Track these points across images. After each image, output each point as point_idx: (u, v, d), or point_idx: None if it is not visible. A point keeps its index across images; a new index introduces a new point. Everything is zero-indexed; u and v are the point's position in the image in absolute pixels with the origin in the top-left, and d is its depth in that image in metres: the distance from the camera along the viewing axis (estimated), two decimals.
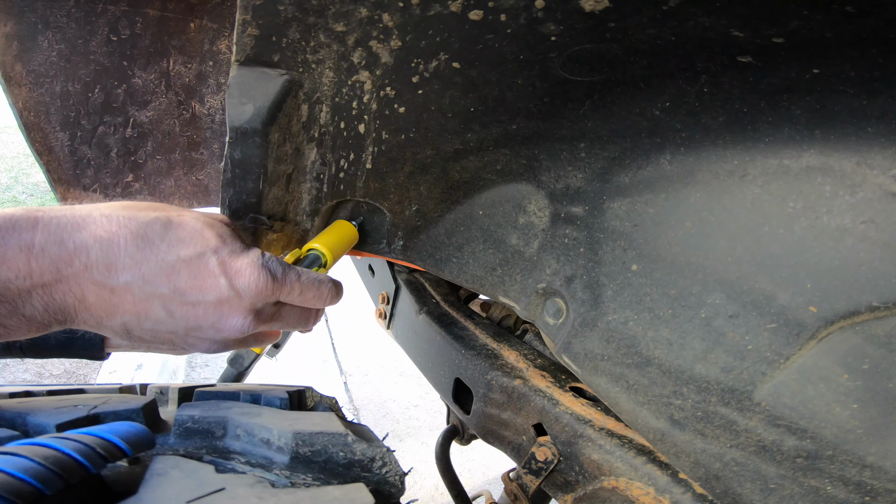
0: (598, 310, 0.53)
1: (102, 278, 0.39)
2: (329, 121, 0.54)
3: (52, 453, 0.29)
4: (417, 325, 0.88)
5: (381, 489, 0.42)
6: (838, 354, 0.38)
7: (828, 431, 0.39)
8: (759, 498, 0.44)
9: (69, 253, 0.38)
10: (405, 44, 0.46)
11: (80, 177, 1.04)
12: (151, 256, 0.41)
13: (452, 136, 0.57)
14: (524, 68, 0.47)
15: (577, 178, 0.56)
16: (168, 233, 0.42)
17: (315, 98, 0.52)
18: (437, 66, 0.48)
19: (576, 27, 0.41)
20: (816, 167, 0.39)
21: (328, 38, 0.46)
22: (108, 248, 0.39)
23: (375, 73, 0.50)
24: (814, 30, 0.35)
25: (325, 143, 0.56)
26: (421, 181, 0.61)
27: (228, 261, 0.43)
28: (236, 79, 0.48)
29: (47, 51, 0.94)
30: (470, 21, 0.43)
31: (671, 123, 0.47)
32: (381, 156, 0.58)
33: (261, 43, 0.46)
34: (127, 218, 0.41)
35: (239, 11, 0.43)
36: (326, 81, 0.50)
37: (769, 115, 0.41)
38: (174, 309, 0.42)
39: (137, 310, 0.41)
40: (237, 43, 0.46)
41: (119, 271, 0.40)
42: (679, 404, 0.47)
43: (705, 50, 0.40)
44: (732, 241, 0.43)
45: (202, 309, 0.43)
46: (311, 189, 0.58)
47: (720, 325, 0.44)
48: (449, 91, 0.51)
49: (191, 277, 0.42)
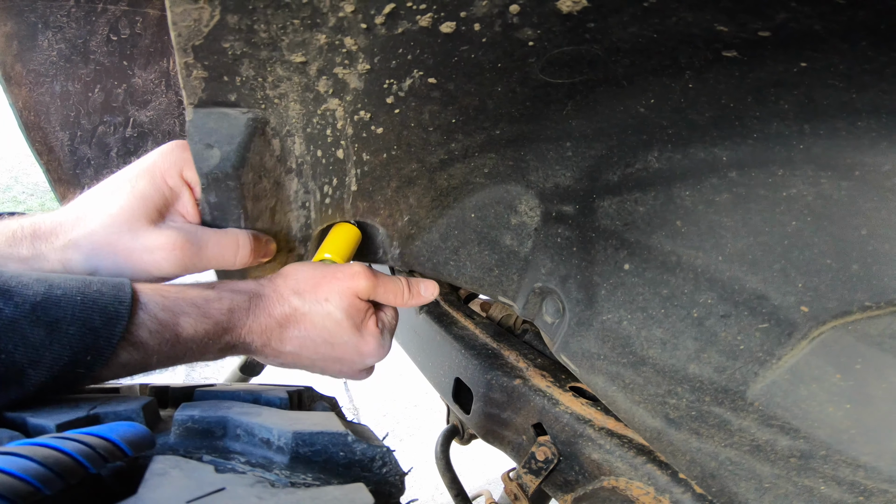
0: (593, 309, 0.53)
1: (278, 345, 0.52)
2: (304, 151, 0.51)
3: (52, 453, 0.29)
4: (417, 324, 0.89)
5: (381, 489, 0.42)
6: (831, 354, 0.38)
7: (821, 431, 0.39)
8: (755, 497, 0.44)
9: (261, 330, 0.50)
10: (374, 66, 0.44)
11: (80, 176, 1.04)
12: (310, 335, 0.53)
13: (436, 148, 0.55)
14: (503, 76, 0.46)
15: (565, 176, 0.55)
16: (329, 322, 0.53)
17: (285, 132, 0.48)
18: (411, 83, 0.46)
19: (553, 30, 0.40)
20: (806, 163, 0.38)
21: (287, 70, 0.42)
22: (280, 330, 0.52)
23: (345, 99, 0.47)
24: (802, 22, 0.34)
25: (305, 172, 0.52)
26: (409, 193, 0.60)
27: (364, 329, 0.55)
28: (195, 123, 0.44)
29: (47, 50, 0.94)
30: (442, 35, 0.41)
31: (657, 120, 0.46)
32: (365, 176, 0.56)
33: (212, 84, 0.42)
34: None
35: (178, 54, 0.39)
36: (294, 115, 0.47)
37: (756, 110, 0.40)
38: (321, 365, 0.56)
39: (294, 361, 0.55)
40: (185, 87, 0.42)
41: (286, 345, 0.52)
42: (674, 403, 0.47)
43: (689, 46, 0.39)
44: (723, 240, 0.43)
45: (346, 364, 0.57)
46: (299, 217, 0.56)
47: (712, 324, 0.44)
48: (427, 106, 0.50)
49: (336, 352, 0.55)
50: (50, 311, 0.37)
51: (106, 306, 0.40)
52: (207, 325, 0.46)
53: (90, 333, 0.39)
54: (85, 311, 0.39)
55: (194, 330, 0.45)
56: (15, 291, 0.37)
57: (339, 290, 0.52)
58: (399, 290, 0.58)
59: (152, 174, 0.48)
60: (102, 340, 0.39)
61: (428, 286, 0.61)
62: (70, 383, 0.40)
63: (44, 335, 0.37)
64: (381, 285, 0.56)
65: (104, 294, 0.40)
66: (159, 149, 0.50)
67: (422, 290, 0.60)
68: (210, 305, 0.46)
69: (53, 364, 0.38)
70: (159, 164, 0.49)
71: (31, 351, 0.37)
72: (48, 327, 0.37)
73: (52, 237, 0.46)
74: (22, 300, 0.37)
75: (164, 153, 0.49)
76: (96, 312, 0.39)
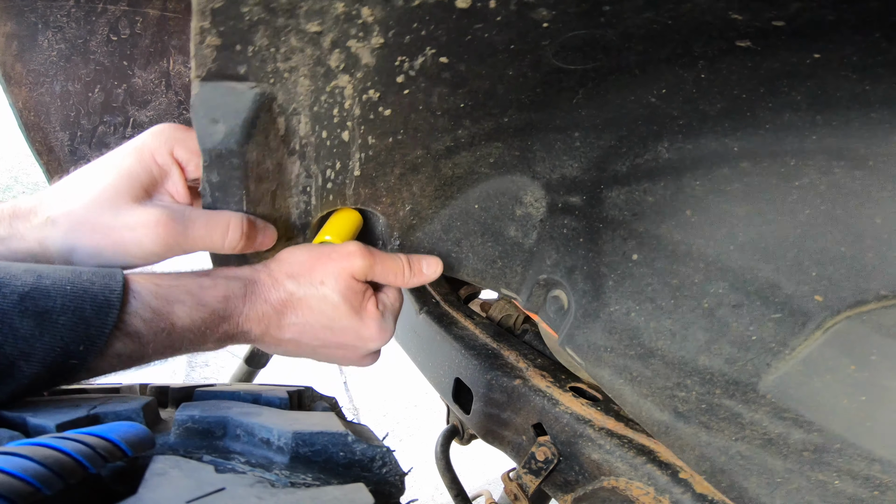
0: (600, 300, 0.52)
1: (276, 332, 0.51)
2: (309, 131, 0.50)
3: (52, 453, 0.28)
4: (417, 324, 0.88)
5: (381, 489, 0.41)
6: (845, 345, 0.37)
7: (835, 424, 0.39)
8: (766, 492, 0.43)
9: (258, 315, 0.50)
10: (388, 41, 0.43)
11: None
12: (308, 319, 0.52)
13: (442, 134, 0.55)
14: (515, 59, 0.46)
15: (573, 167, 0.55)
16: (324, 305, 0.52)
17: (291, 109, 0.47)
18: (423, 62, 0.46)
19: (569, 12, 0.40)
20: (819, 153, 0.38)
21: (301, 41, 0.42)
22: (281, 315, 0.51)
23: (356, 76, 0.46)
24: (815, 13, 0.34)
25: (308, 154, 0.52)
26: (413, 181, 0.59)
27: (363, 311, 0.54)
28: (200, 97, 0.43)
29: (47, 50, 0.94)
30: (457, 10, 0.40)
31: (668, 111, 0.46)
32: (369, 161, 0.55)
33: (224, 54, 0.41)
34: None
35: (195, 18, 0.38)
36: (302, 91, 0.46)
37: (769, 100, 0.40)
38: (324, 353, 0.55)
39: (295, 349, 0.54)
40: (196, 56, 0.41)
41: (284, 332, 0.52)
42: (683, 396, 0.46)
43: (703, 34, 0.39)
44: (734, 230, 0.43)
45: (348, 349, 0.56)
46: (299, 203, 0.55)
47: (723, 315, 0.43)
48: (437, 88, 0.49)
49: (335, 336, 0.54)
50: (39, 302, 0.36)
51: (96, 295, 0.39)
52: (203, 314, 0.45)
53: (81, 323, 0.38)
54: (75, 300, 0.38)
55: (190, 319, 0.44)
56: (2, 282, 0.36)
57: (335, 271, 0.51)
58: (399, 268, 0.56)
59: (140, 152, 0.47)
60: (94, 330, 0.38)
61: (430, 262, 0.59)
62: (65, 375, 0.39)
63: (33, 326, 0.36)
64: (378, 264, 0.54)
65: (95, 283, 0.39)
66: (150, 129, 0.49)
67: (424, 266, 0.58)
68: (205, 293, 0.45)
69: (45, 355, 0.37)
70: (149, 142, 0.48)
71: (21, 342, 0.36)
72: (37, 318, 0.36)
73: (30, 216, 0.44)
74: (9, 291, 0.36)
75: (155, 132, 0.48)
76: (87, 301, 0.38)
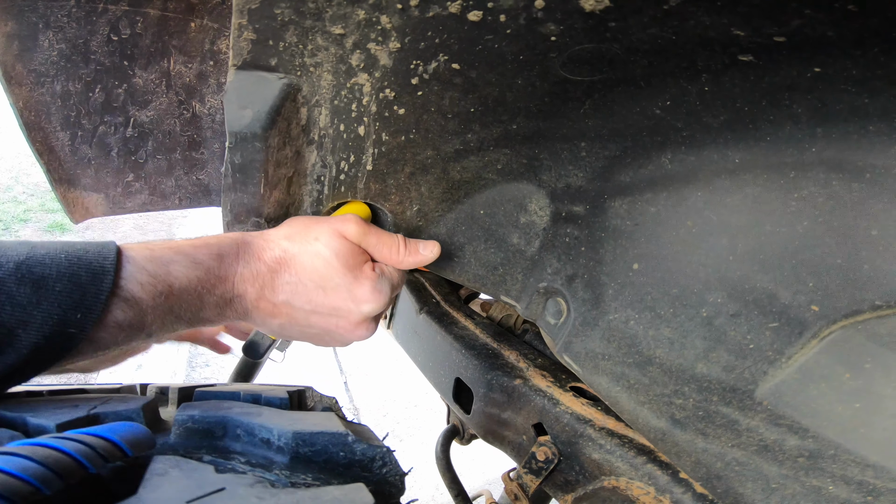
0: (599, 309, 0.53)
1: (270, 295, 0.51)
2: (328, 123, 0.54)
3: (52, 453, 0.29)
4: (418, 324, 0.88)
5: (381, 489, 0.42)
6: (841, 353, 0.38)
7: (830, 431, 0.39)
8: (761, 497, 0.43)
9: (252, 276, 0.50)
10: (404, 46, 0.46)
11: (81, 177, 1.04)
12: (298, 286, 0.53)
13: (452, 137, 0.56)
14: (524, 68, 0.47)
15: (577, 177, 0.56)
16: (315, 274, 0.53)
17: (314, 101, 0.52)
18: (436, 67, 0.48)
19: (576, 27, 0.41)
20: (818, 165, 0.39)
21: (326, 41, 0.46)
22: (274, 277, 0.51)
23: (374, 75, 0.49)
24: (815, 28, 0.34)
25: (325, 145, 0.55)
26: (422, 181, 0.61)
27: (357, 271, 0.54)
28: (234, 84, 0.48)
29: (48, 50, 0.94)
30: (469, 22, 0.43)
31: (672, 122, 0.46)
32: (382, 157, 0.57)
33: (258, 47, 0.46)
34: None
35: (235, 15, 0.43)
36: (325, 84, 0.50)
37: (770, 113, 0.41)
38: (314, 322, 0.54)
39: (288, 318, 0.53)
40: (234, 47, 0.46)
41: (278, 293, 0.52)
42: (680, 404, 0.47)
43: (706, 49, 0.40)
44: (734, 240, 0.43)
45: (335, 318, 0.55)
46: (312, 191, 0.59)
47: (721, 323, 0.44)
48: (448, 92, 0.51)
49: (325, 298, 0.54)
50: (34, 269, 0.37)
51: (91, 261, 0.40)
52: (199, 272, 0.46)
53: (77, 289, 0.38)
54: (70, 266, 0.39)
55: (187, 279, 0.45)
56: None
57: (328, 230, 0.53)
58: (393, 243, 0.57)
59: None
60: (90, 296, 0.39)
61: (427, 245, 0.59)
62: (65, 346, 0.39)
63: (30, 293, 0.37)
64: (373, 234, 0.55)
65: (89, 251, 0.40)
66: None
67: (420, 248, 0.59)
68: (198, 251, 0.47)
69: (44, 323, 0.37)
70: None
71: (18, 310, 0.36)
72: (34, 285, 0.37)
73: None
74: (5, 260, 0.37)
75: None
76: (82, 268, 0.39)
